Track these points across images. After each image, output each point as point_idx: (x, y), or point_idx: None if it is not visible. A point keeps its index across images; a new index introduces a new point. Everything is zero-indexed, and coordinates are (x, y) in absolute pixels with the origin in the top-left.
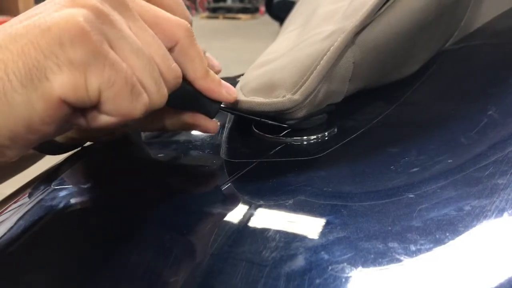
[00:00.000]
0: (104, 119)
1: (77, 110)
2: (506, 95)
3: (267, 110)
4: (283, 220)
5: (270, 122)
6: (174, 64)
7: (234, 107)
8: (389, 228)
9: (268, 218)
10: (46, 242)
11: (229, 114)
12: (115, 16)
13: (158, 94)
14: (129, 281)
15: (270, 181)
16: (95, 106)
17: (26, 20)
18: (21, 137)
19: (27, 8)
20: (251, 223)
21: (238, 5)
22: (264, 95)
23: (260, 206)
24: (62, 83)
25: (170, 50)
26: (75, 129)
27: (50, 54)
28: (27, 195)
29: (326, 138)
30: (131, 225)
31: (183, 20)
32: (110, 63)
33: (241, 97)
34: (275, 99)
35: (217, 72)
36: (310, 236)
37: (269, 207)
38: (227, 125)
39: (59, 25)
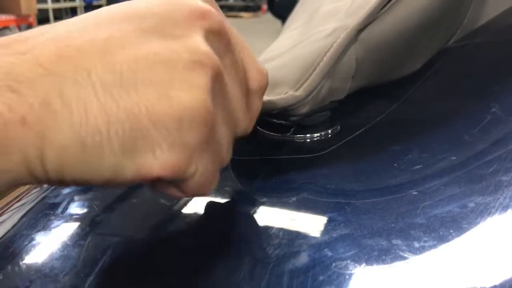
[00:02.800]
0: (174, 193)
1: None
2: (509, 93)
3: (270, 108)
4: (286, 217)
5: (276, 121)
6: (250, 118)
7: None
8: (393, 225)
9: (272, 216)
10: (49, 240)
11: None
12: (225, 72)
13: (227, 158)
14: (132, 278)
15: (273, 179)
16: (179, 185)
17: (133, 49)
18: (87, 185)
19: (29, 7)
20: (255, 221)
21: (240, 3)
22: (267, 93)
23: (263, 203)
24: (166, 164)
25: None
26: None
27: (163, 130)
28: (30, 193)
29: (329, 135)
30: (132, 222)
31: (265, 70)
32: (213, 147)
33: None
34: (277, 97)
35: None
36: (313, 233)
37: (273, 204)
38: None
39: (182, 103)
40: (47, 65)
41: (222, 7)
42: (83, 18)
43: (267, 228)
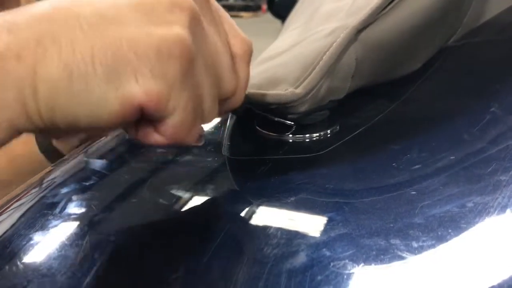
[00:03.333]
0: (155, 138)
1: (137, 123)
2: (509, 92)
3: (269, 101)
4: (285, 217)
5: (275, 119)
6: (237, 83)
7: None
8: (391, 225)
9: (270, 216)
10: (47, 240)
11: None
12: (204, 22)
13: (210, 114)
14: (130, 278)
15: (272, 179)
16: (156, 124)
17: None
18: (78, 127)
19: (29, 3)
20: (253, 221)
21: (240, 3)
22: (267, 90)
23: (262, 203)
24: (149, 91)
25: None
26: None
27: (144, 59)
28: (29, 193)
29: (329, 135)
30: (131, 221)
31: (248, 39)
32: (192, 86)
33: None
34: (277, 92)
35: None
36: (312, 233)
37: (271, 204)
38: (229, 122)
39: (162, 36)
40: (42, 14)
41: (222, 7)
42: None
43: (265, 228)
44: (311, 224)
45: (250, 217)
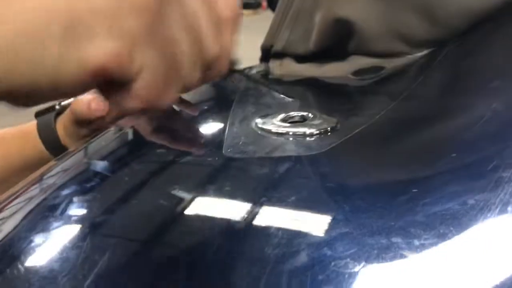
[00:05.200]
0: (128, 102)
1: (107, 87)
2: (510, 89)
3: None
4: (285, 216)
5: (278, 94)
6: (218, 41)
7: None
8: (392, 223)
9: (271, 215)
10: (48, 242)
11: (231, 111)
12: None
13: (190, 77)
14: (129, 277)
15: (272, 177)
16: (126, 87)
17: None
18: (40, 91)
19: None
20: (254, 220)
21: (240, 0)
22: None
23: (262, 202)
24: (108, 51)
25: None
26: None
27: (101, 16)
28: (29, 190)
29: (329, 133)
30: (131, 220)
31: (235, 4)
32: (162, 43)
33: None
34: None
35: None
36: (312, 232)
37: (271, 203)
38: (230, 121)
39: None
40: None
41: None
42: None
43: (266, 228)
44: (311, 223)
45: (251, 217)
